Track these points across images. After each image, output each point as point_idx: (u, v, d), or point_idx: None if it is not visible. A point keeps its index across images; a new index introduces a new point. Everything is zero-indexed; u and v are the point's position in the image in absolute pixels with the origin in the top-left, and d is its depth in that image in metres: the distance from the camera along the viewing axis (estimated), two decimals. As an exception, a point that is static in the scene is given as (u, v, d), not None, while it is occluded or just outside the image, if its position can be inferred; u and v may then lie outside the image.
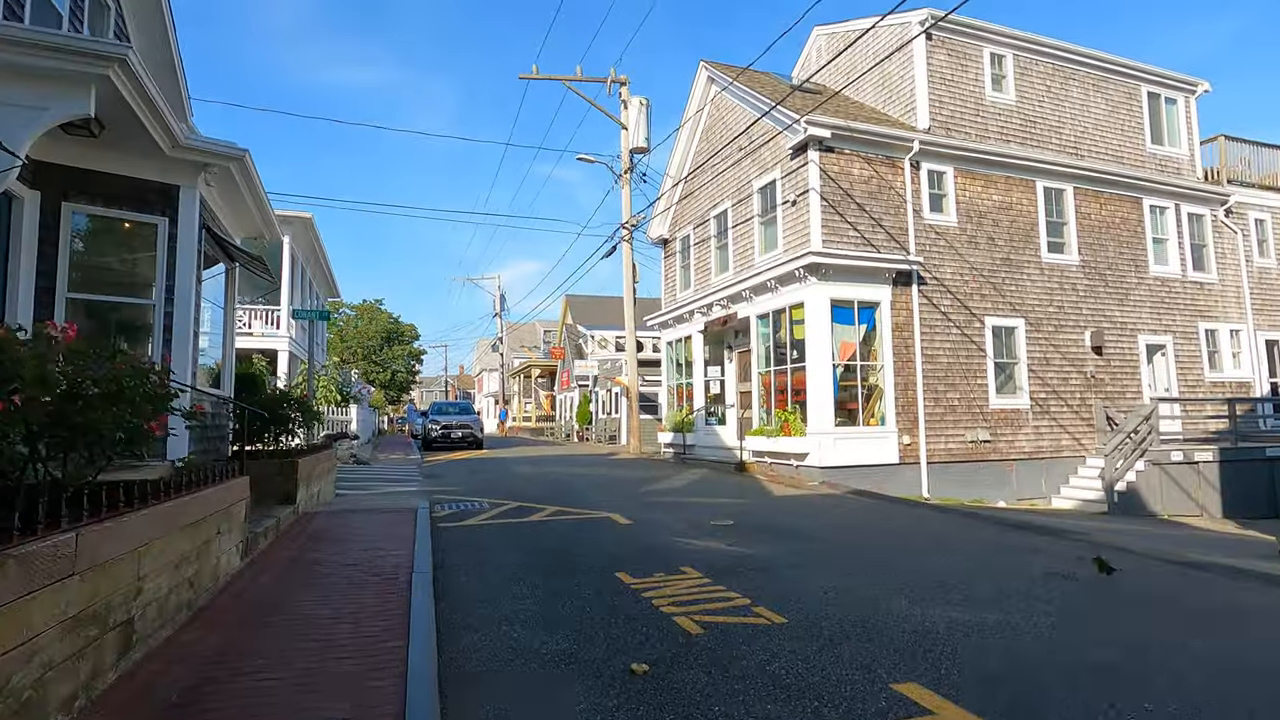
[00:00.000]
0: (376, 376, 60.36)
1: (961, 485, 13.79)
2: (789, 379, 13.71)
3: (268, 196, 8.96)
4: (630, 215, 21.09)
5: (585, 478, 13.89)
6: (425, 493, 11.43)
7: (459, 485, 12.68)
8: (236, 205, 8.99)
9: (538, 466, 16.71)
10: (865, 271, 13.28)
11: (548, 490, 11.70)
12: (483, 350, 71.36)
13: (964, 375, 14.06)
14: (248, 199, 8.51)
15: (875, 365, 13.46)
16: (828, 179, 13.30)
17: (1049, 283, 15.20)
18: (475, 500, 10.35)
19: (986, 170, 14.80)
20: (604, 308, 40.54)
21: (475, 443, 24.52)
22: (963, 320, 14.20)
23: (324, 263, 23.52)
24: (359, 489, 11.91)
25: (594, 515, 8.98)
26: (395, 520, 7.69)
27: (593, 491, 11.52)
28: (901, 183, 13.95)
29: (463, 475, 14.74)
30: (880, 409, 13.38)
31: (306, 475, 8.11)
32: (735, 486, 12.49)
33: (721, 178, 16.90)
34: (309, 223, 18.67)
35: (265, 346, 18.57)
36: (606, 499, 10.55)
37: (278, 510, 7.10)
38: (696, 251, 18.36)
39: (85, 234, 7.14)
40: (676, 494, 11.44)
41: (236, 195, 8.56)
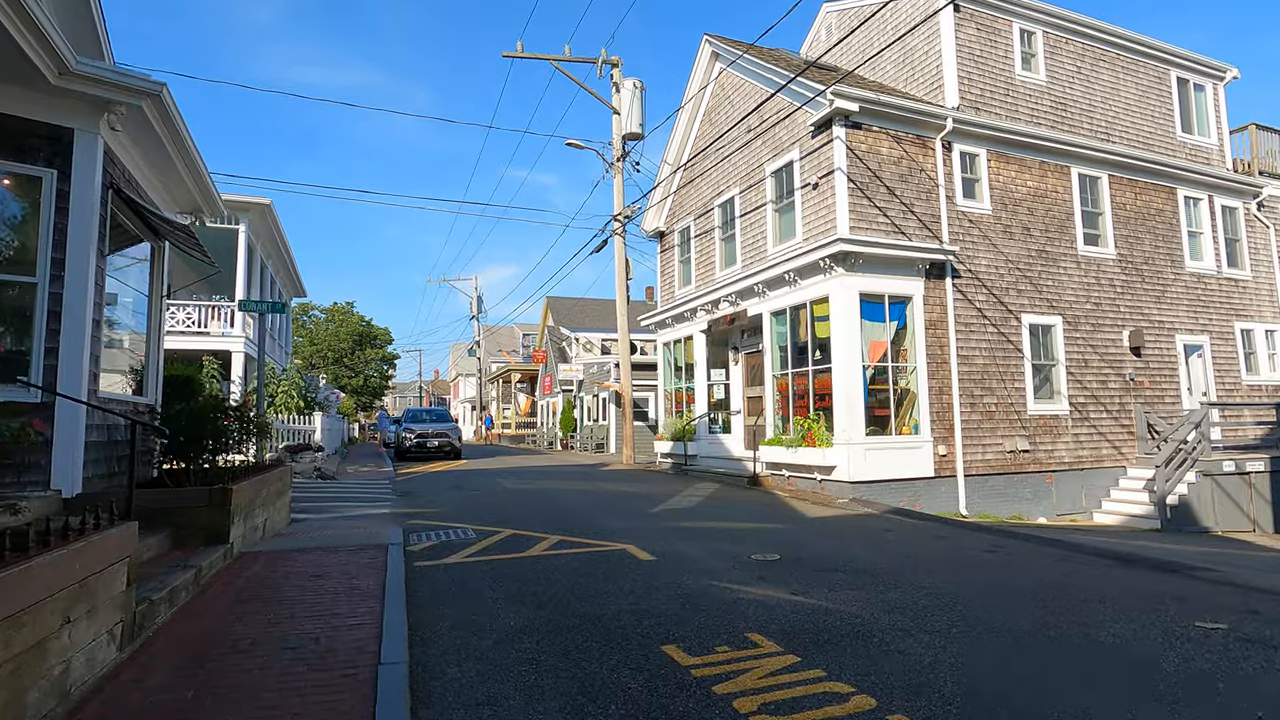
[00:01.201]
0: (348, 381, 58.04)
1: (999, 499, 12.45)
2: (810, 382, 12.25)
3: (202, 158, 7.24)
4: (623, 206, 19.54)
5: (582, 495, 12.27)
6: (398, 516, 9.73)
7: (438, 505, 10.99)
8: (164, 170, 7.26)
9: (526, 480, 15.03)
10: (897, 262, 11.89)
11: (543, 512, 10.07)
12: (458, 354, 69.25)
13: (1001, 378, 12.74)
14: (173, 156, 6.78)
15: (907, 367, 12.06)
16: (855, 158, 11.90)
17: (1086, 278, 13.97)
18: (458, 527, 8.69)
19: (1020, 154, 13.54)
20: (587, 310, 38.94)
21: (453, 453, 22.71)
22: (998, 318, 12.88)
23: (287, 256, 21.59)
24: (320, 511, 10.16)
25: (606, 547, 7.39)
26: (360, 562, 6.02)
27: (596, 513, 9.92)
28: (933, 165, 12.61)
29: (441, 491, 13.02)
30: (914, 416, 11.98)
31: (246, 504, 6.41)
32: (755, 505, 10.97)
33: (728, 162, 15.44)
34: (268, 210, 16.81)
35: (219, 347, 16.66)
36: (615, 523, 8.96)
37: (202, 555, 5.40)
38: (698, 244, 16.87)
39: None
40: (692, 515, 9.89)
41: (161, 155, 6.83)
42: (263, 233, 18.50)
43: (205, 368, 15.44)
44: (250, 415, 7.21)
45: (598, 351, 32.17)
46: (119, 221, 6.77)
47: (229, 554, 5.82)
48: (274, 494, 7.89)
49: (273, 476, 7.82)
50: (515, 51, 19.34)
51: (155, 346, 7.76)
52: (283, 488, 8.44)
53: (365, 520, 9.36)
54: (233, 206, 16.44)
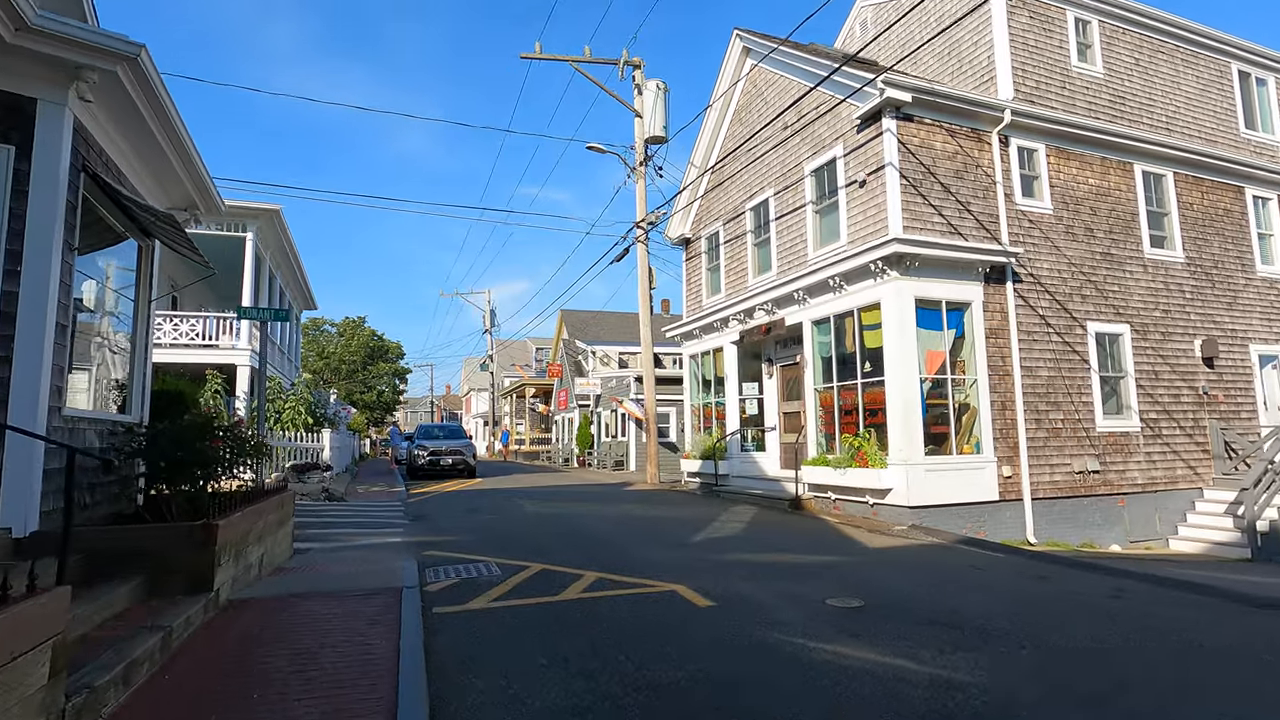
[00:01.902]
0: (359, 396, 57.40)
1: (1068, 525, 11.33)
2: (859, 397, 11.23)
3: (194, 143, 6.38)
4: (646, 213, 18.67)
5: (612, 520, 11.26)
6: (412, 546, 8.77)
7: (455, 533, 10.02)
8: (152, 158, 6.41)
9: (547, 503, 14.04)
10: (954, 265, 10.90)
11: (572, 540, 9.07)
12: (471, 369, 68.58)
13: (1067, 392, 11.66)
14: (158, 136, 5.92)
15: (966, 380, 11.02)
16: (907, 153, 10.95)
17: (1153, 282, 12.90)
18: (480, 560, 7.71)
19: (1081, 149, 12.54)
20: (603, 323, 38.08)
21: (468, 471, 21.77)
22: (1063, 326, 11.83)
23: (297, 267, 20.85)
24: (327, 540, 9.22)
25: (652, 587, 6.38)
26: (369, 614, 5.05)
27: (632, 543, 8.91)
28: (989, 160, 11.64)
29: (458, 516, 12.05)
30: (975, 433, 10.92)
31: (237, 540, 5.47)
32: (804, 533, 9.93)
33: (761, 163, 14.54)
34: (276, 216, 16.06)
35: (226, 361, 15.85)
36: (655, 555, 7.96)
37: (178, 608, 4.45)
38: (728, 250, 15.94)
39: None
40: (739, 546, 8.86)
41: (145, 138, 5.97)
42: (271, 241, 17.75)
43: (209, 383, 14.61)
44: (245, 435, 6.29)
45: (615, 365, 31.22)
46: (97, 214, 5.91)
47: (213, 604, 4.86)
48: (273, 524, 6.96)
49: (271, 504, 6.89)
50: (534, 53, 18.61)
51: (141, 358, 6.87)
52: (284, 516, 7.51)
53: (375, 551, 8.40)
54: (240, 213, 15.72)
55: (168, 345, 15.21)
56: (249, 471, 7.03)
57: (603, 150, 18.53)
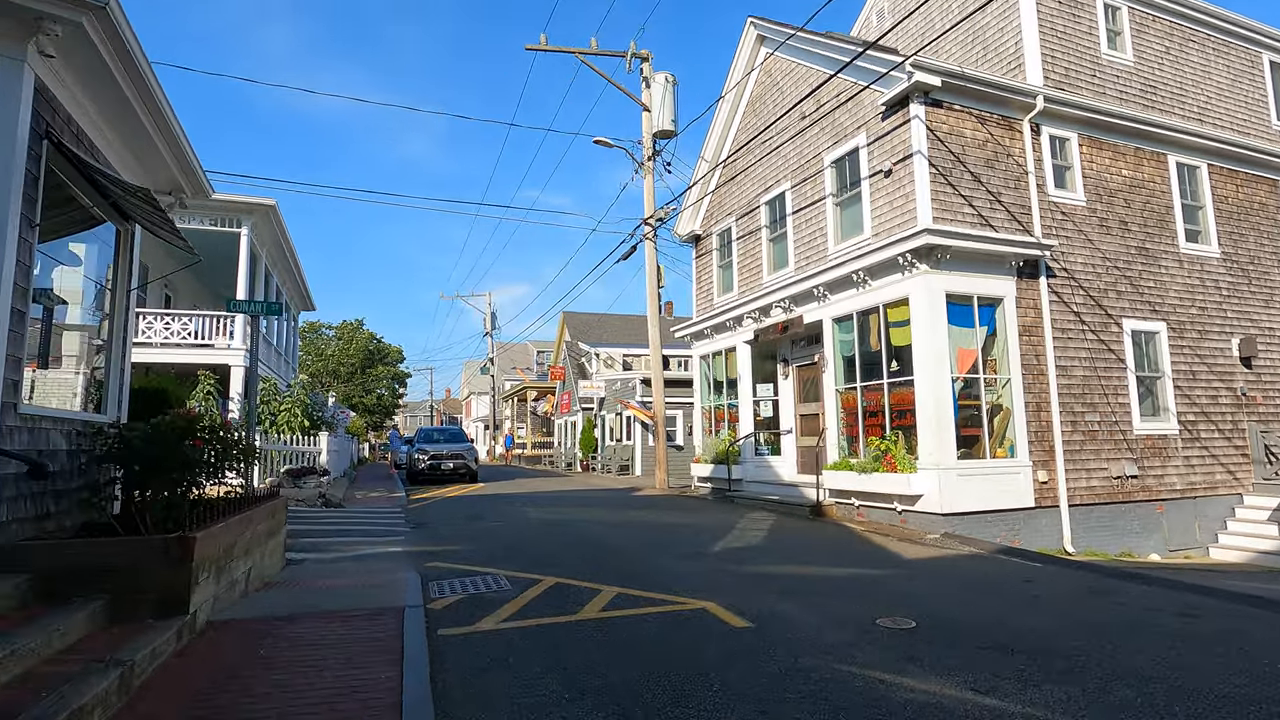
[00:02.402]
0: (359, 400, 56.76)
1: (1106, 533, 10.74)
2: (885, 397, 10.64)
3: (173, 111, 5.81)
4: (654, 209, 18.12)
5: (625, 528, 10.66)
6: (414, 556, 8.17)
7: (459, 541, 9.43)
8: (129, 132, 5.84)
9: (554, 509, 13.44)
10: (986, 259, 10.33)
11: (585, 551, 8.48)
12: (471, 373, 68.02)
13: (1103, 393, 11.08)
14: (134, 104, 5.35)
15: (999, 380, 10.44)
16: (935, 140, 10.39)
17: (1189, 279, 12.34)
18: (488, 573, 7.12)
19: (1114, 139, 11.99)
20: (606, 326, 37.48)
21: (469, 475, 21.16)
22: (1098, 323, 11.26)
23: (294, 265, 20.27)
24: (323, 550, 8.62)
25: (680, 605, 5.79)
26: (368, 640, 4.45)
27: (649, 553, 8.32)
28: (1020, 149, 11.08)
29: (461, 523, 11.45)
30: (1008, 436, 10.34)
31: (219, 555, 4.88)
32: (832, 543, 9.33)
33: (777, 155, 13.98)
34: (272, 211, 15.48)
35: (220, 361, 15.25)
36: (676, 567, 7.36)
37: (145, 636, 3.85)
38: (741, 247, 15.38)
39: None
40: (763, 556, 8.26)
41: (120, 107, 5.41)
42: (267, 238, 17.17)
43: (201, 383, 14.03)
44: (232, 437, 5.70)
45: (619, 367, 30.65)
46: (67, 192, 5.33)
47: (189, 629, 4.26)
48: (264, 534, 6.37)
49: (261, 513, 6.30)
50: (539, 45, 18.08)
51: (119, 352, 6.29)
52: (275, 525, 6.91)
53: (375, 562, 7.81)
54: (233, 208, 15.16)
55: (159, 344, 14.63)
56: (237, 477, 6.43)
57: (610, 144, 18.00)
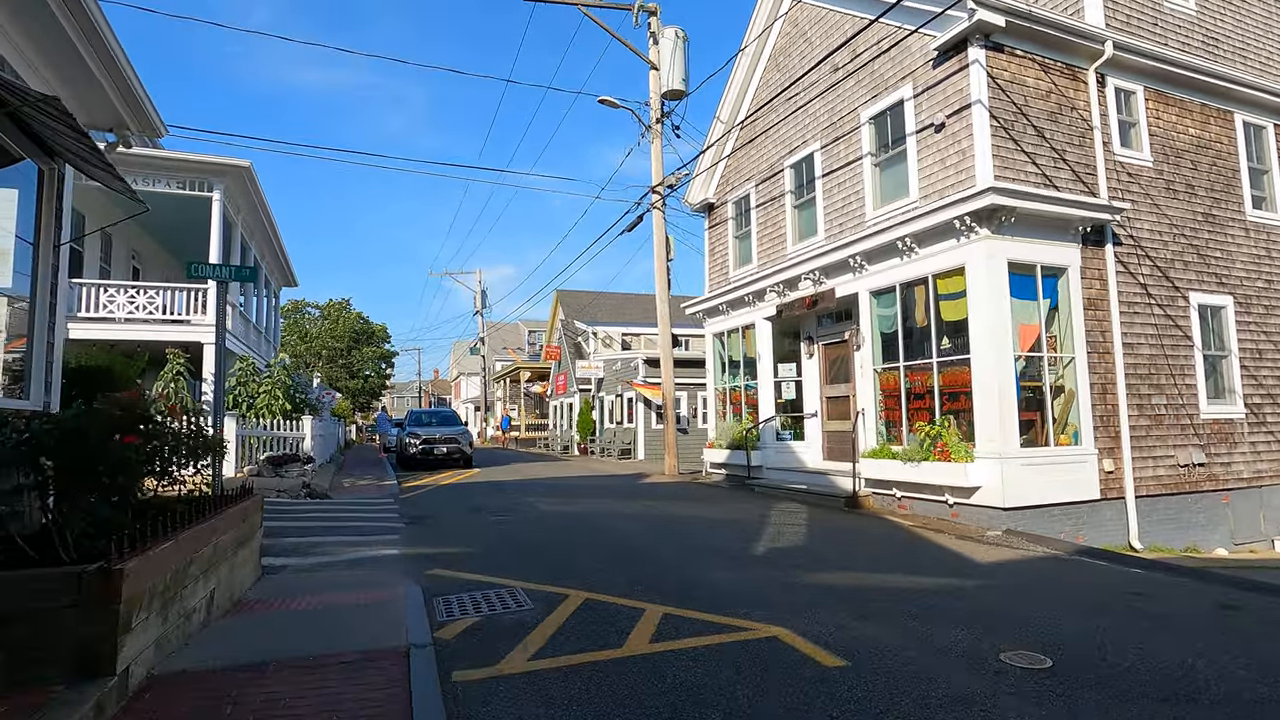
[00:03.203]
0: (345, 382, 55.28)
1: (1171, 526, 9.82)
2: (934, 378, 9.59)
3: (113, 32, 4.53)
4: (662, 176, 16.87)
5: (647, 524, 9.58)
6: (412, 561, 7.05)
7: (463, 541, 8.31)
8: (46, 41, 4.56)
9: (563, 499, 12.34)
10: (1050, 224, 9.25)
11: (610, 553, 7.39)
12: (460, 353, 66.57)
13: (1169, 373, 10.10)
14: (60, 20, 4.08)
15: (1062, 358, 9.41)
16: (997, 90, 9.24)
17: (1255, 248, 11.34)
18: (502, 585, 6.02)
19: (1181, 94, 10.90)
20: (602, 304, 36.23)
21: (464, 460, 20.01)
22: (1164, 296, 10.24)
23: (273, 236, 18.85)
24: (306, 552, 7.47)
25: (744, 633, 4.72)
26: (362, 695, 3.33)
27: (683, 557, 7.24)
28: (1085, 102, 9.96)
29: (462, 517, 10.34)
30: (1072, 420, 9.33)
31: (165, 585, 3.72)
32: (884, 542, 8.31)
33: (804, 113, 12.77)
34: (247, 174, 14.07)
35: (191, 339, 13.93)
36: (724, 578, 6.29)
37: (50, 713, 2.71)
38: (761, 215, 14.20)
39: None
40: (819, 561, 7.21)
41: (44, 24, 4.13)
42: (242, 204, 15.77)
43: (170, 363, 12.74)
44: (185, 428, 4.52)
45: (618, 347, 29.49)
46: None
47: (117, 694, 3.11)
48: (232, 544, 5.21)
49: (229, 518, 5.13)
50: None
51: (44, 322, 5.05)
52: (247, 531, 5.75)
53: (367, 569, 6.68)
54: (204, 169, 13.75)
55: (123, 320, 13.28)
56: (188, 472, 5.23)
57: (616, 104, 16.65)
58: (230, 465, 12.35)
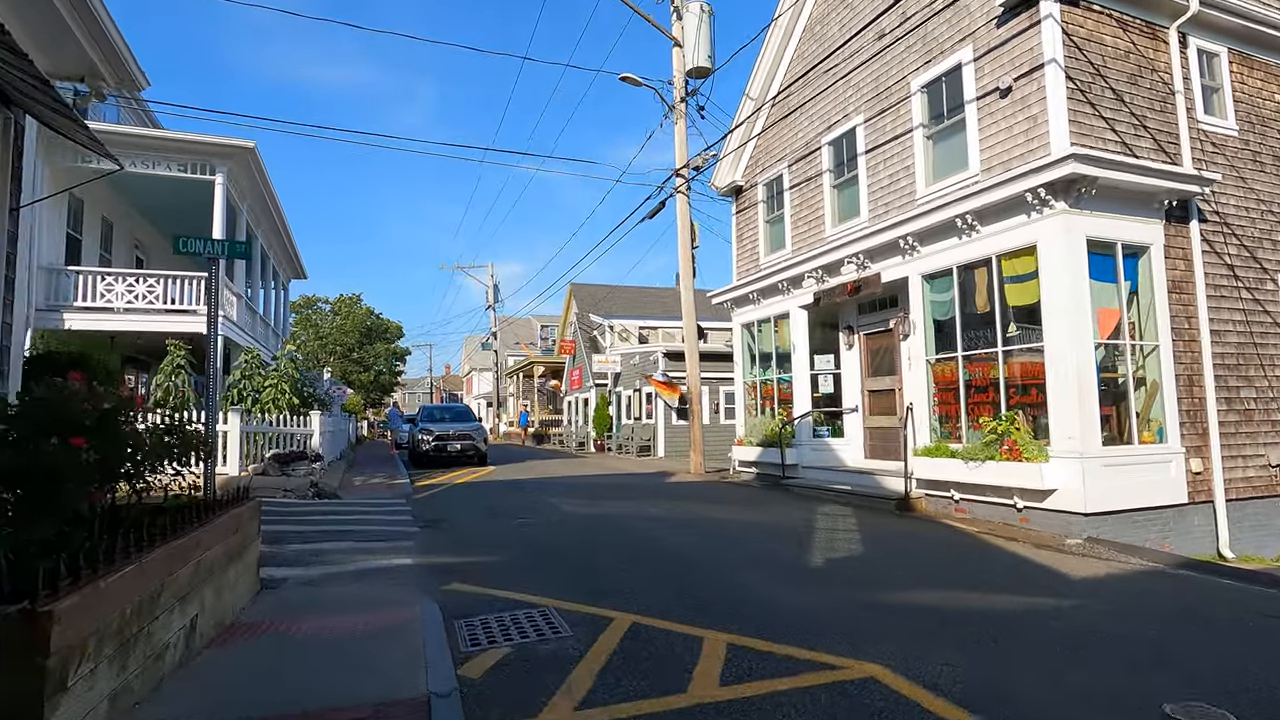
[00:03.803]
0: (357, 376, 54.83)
1: (1262, 533, 8.89)
2: (999, 369, 8.70)
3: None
4: (687, 158, 16.01)
5: (684, 528, 8.75)
6: (429, 572, 6.27)
7: (484, 548, 7.53)
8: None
9: (586, 500, 11.55)
10: (1130, 197, 8.33)
11: (652, 564, 6.57)
12: (472, 348, 66.01)
13: (1259, 364, 9.16)
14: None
15: (1144, 347, 8.50)
16: (1072, 48, 8.32)
17: (1345, 227, 10.35)
18: (533, 604, 5.22)
19: (1266, 56, 9.93)
20: (617, 298, 35.41)
21: (478, 458, 19.28)
22: (1252, 279, 9.29)
23: (281, 225, 18.14)
24: (311, 561, 6.71)
25: (833, 671, 3.89)
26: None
27: (737, 570, 6.41)
28: (1166, 63, 9.01)
29: (481, 520, 9.56)
30: (1155, 415, 8.42)
31: (118, 625, 2.94)
32: (952, 550, 7.45)
33: (844, 85, 11.87)
34: (251, 156, 13.34)
35: (193, 330, 13.23)
36: (790, 598, 5.46)
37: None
38: (795, 197, 13.31)
39: None
40: (888, 576, 6.37)
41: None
42: (247, 189, 15.05)
43: (170, 355, 12.05)
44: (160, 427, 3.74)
45: (635, 340, 28.66)
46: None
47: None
48: (220, 560, 4.45)
49: (215, 531, 4.36)
50: (556, -32, 15.79)
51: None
52: (242, 541, 4.99)
53: (378, 582, 5.91)
54: (205, 150, 13.02)
55: (121, 310, 12.59)
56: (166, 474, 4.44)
57: (638, 82, 15.78)
58: (234, 463, 11.65)
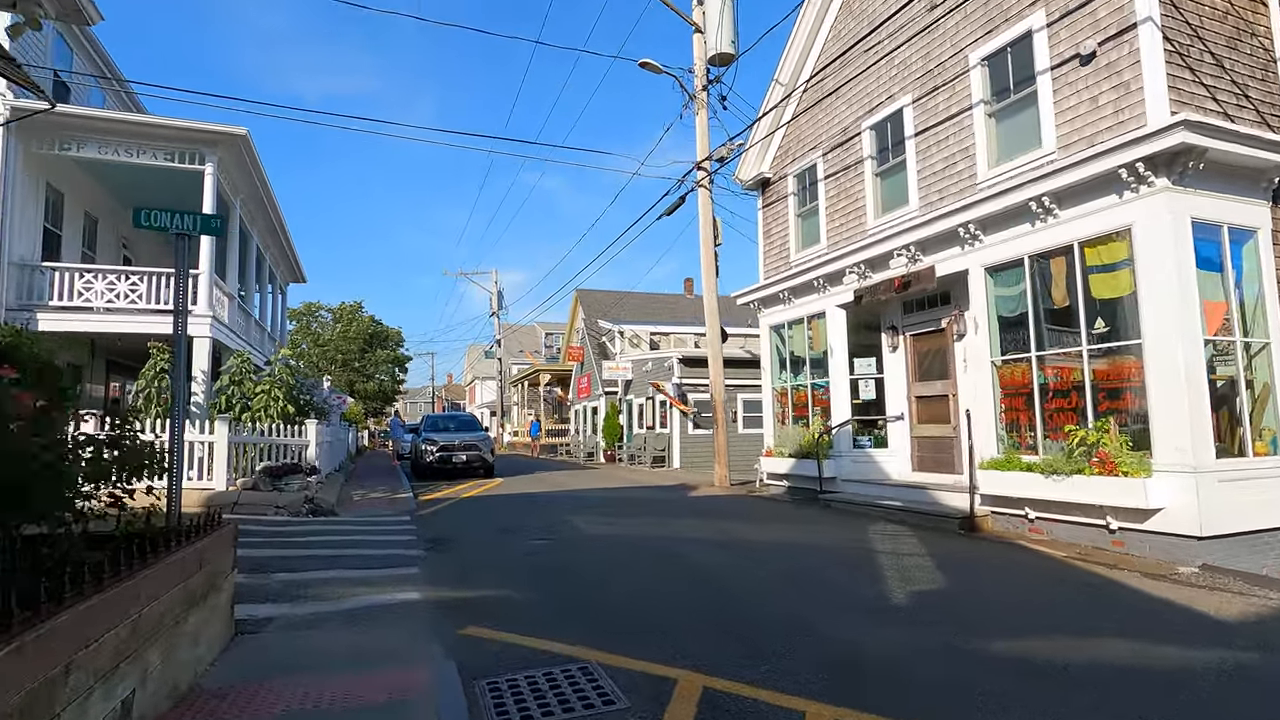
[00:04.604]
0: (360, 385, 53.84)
1: (1383, 557, 7.78)
2: (1084, 371, 7.66)
3: None
4: (709, 150, 15.04)
5: (723, 550, 7.68)
6: (438, 610, 5.22)
7: (500, 579, 6.47)
8: None
9: (611, 518, 10.48)
10: (1239, 173, 7.32)
11: (700, 599, 5.50)
12: (474, 356, 65.06)
13: (1374, 364, 8.10)
14: None
15: (1252, 344, 7.46)
16: (1169, 6, 7.34)
17: None
18: (570, 658, 4.16)
19: (1367, 24, 8.93)
20: (626, 304, 34.43)
21: (485, 469, 18.24)
22: (1363, 269, 8.25)
23: (277, 222, 17.17)
24: (298, 596, 5.66)
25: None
26: None
27: (807, 608, 5.34)
28: (1266, 27, 8.03)
29: (493, 542, 8.51)
30: (1270, 424, 7.37)
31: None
32: (1047, 580, 6.38)
33: (887, 65, 10.91)
34: (243, 143, 12.37)
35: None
36: (886, 646, 4.39)
37: None
38: (832, 187, 12.32)
39: None
40: (997, 618, 5.30)
41: None
42: (240, 182, 14.09)
43: (153, 358, 11.05)
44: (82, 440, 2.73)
45: (646, 346, 27.64)
46: None
47: None
48: (173, 609, 3.42)
49: (165, 574, 3.34)
50: (570, -50, 14.90)
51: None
52: (208, 582, 3.95)
53: (378, 623, 4.85)
54: (193, 138, 12.05)
55: (101, 309, 11.59)
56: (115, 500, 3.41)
57: (658, 69, 14.84)
58: (221, 477, 10.61)
